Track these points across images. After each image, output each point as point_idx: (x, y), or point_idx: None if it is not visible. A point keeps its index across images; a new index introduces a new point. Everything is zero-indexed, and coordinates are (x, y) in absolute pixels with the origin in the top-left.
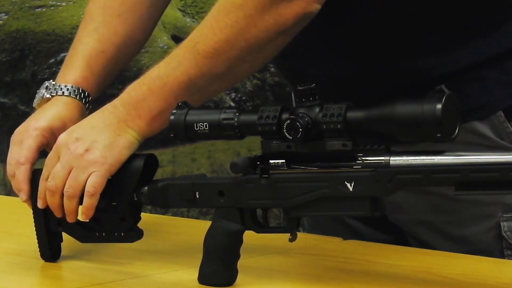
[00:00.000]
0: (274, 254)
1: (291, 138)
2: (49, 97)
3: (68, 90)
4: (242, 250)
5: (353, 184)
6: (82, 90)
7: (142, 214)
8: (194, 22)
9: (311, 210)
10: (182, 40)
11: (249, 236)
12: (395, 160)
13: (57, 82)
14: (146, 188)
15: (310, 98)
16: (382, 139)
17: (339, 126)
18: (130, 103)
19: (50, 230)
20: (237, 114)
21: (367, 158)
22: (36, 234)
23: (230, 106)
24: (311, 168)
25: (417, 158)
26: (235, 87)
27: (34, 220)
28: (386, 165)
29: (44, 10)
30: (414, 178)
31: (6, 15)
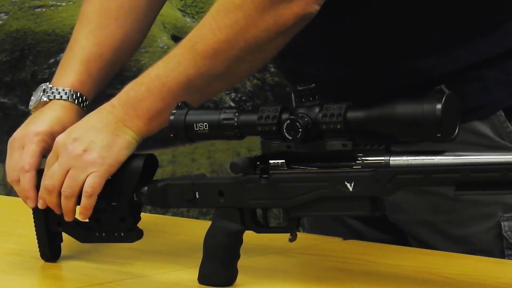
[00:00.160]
0: (274, 254)
1: (291, 138)
2: (46, 100)
3: (66, 94)
4: (242, 250)
5: (353, 184)
6: (80, 94)
7: (142, 214)
8: (194, 22)
9: (311, 210)
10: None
11: (249, 236)
12: (395, 160)
13: (54, 85)
14: (146, 188)
15: (310, 98)
16: (382, 139)
17: (339, 126)
18: (128, 103)
19: (50, 230)
20: (237, 114)
21: (367, 158)
22: (36, 234)
23: (230, 106)
24: (311, 168)
25: (417, 158)
26: (235, 87)
27: (34, 220)
28: (386, 165)
29: (44, 10)
30: (414, 178)
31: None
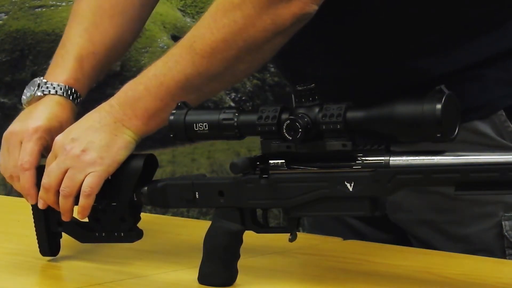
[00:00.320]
0: (274, 254)
1: (291, 138)
2: (41, 95)
3: (61, 89)
4: (242, 250)
5: (353, 184)
6: (74, 91)
7: (142, 214)
8: (194, 22)
9: (311, 210)
10: None
11: (249, 236)
12: (395, 160)
13: (48, 80)
14: (146, 188)
15: (310, 98)
16: (382, 139)
17: (339, 126)
18: (126, 103)
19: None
20: (236, 114)
21: (367, 158)
22: (35, 230)
23: (230, 106)
24: (311, 168)
25: (417, 158)
26: (235, 87)
27: (33, 216)
28: (386, 165)
29: (44, 10)
30: (414, 178)
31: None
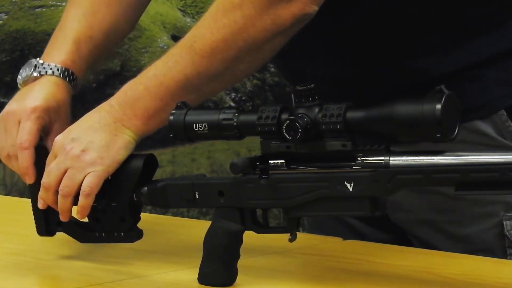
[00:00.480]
0: (274, 254)
1: (291, 138)
2: (37, 75)
3: (58, 70)
4: (242, 250)
5: (353, 184)
6: (71, 72)
7: (142, 214)
8: (194, 22)
9: (311, 210)
10: None
11: (249, 236)
12: (395, 160)
13: (44, 61)
14: (146, 188)
15: (310, 99)
16: (382, 139)
17: (339, 127)
18: (126, 103)
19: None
20: (236, 114)
21: (367, 158)
22: (32, 209)
23: (230, 106)
24: (311, 168)
25: (417, 158)
26: (235, 87)
27: (31, 196)
28: (386, 165)
29: (44, 10)
30: (414, 178)
31: (6, 15)
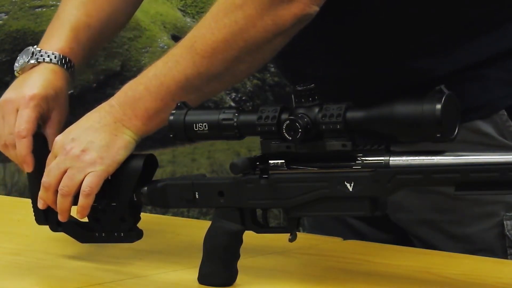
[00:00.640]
0: (274, 254)
1: (291, 138)
2: (34, 63)
3: (56, 57)
4: (242, 250)
5: (353, 184)
6: (69, 59)
7: (142, 214)
8: (194, 22)
9: (311, 210)
10: None
11: (249, 236)
12: (395, 160)
13: (42, 48)
14: (146, 188)
15: (310, 99)
16: (382, 139)
17: (339, 127)
18: (126, 103)
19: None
20: (236, 114)
21: (367, 158)
22: (31, 199)
23: (230, 106)
24: (311, 168)
25: (417, 158)
26: (235, 87)
27: (29, 184)
28: (386, 165)
29: (44, 10)
30: (414, 178)
31: (6, 15)
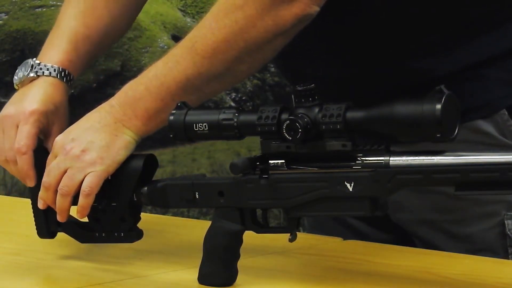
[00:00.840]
0: (274, 254)
1: (291, 138)
2: (34, 76)
3: (55, 70)
4: (242, 250)
5: (353, 184)
6: (68, 72)
7: (142, 214)
8: (194, 22)
9: (311, 210)
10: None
11: (249, 236)
12: (395, 160)
13: (41, 61)
14: (146, 188)
15: (310, 99)
16: (382, 139)
17: (339, 127)
18: (127, 103)
19: (48, 208)
20: (236, 114)
21: (367, 158)
22: (33, 212)
23: (230, 106)
24: (311, 168)
25: (417, 158)
26: (235, 87)
27: (31, 198)
28: (386, 165)
29: (44, 10)
30: (414, 178)
31: (6, 15)
